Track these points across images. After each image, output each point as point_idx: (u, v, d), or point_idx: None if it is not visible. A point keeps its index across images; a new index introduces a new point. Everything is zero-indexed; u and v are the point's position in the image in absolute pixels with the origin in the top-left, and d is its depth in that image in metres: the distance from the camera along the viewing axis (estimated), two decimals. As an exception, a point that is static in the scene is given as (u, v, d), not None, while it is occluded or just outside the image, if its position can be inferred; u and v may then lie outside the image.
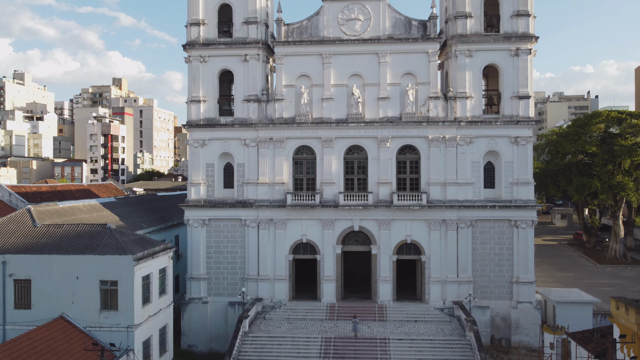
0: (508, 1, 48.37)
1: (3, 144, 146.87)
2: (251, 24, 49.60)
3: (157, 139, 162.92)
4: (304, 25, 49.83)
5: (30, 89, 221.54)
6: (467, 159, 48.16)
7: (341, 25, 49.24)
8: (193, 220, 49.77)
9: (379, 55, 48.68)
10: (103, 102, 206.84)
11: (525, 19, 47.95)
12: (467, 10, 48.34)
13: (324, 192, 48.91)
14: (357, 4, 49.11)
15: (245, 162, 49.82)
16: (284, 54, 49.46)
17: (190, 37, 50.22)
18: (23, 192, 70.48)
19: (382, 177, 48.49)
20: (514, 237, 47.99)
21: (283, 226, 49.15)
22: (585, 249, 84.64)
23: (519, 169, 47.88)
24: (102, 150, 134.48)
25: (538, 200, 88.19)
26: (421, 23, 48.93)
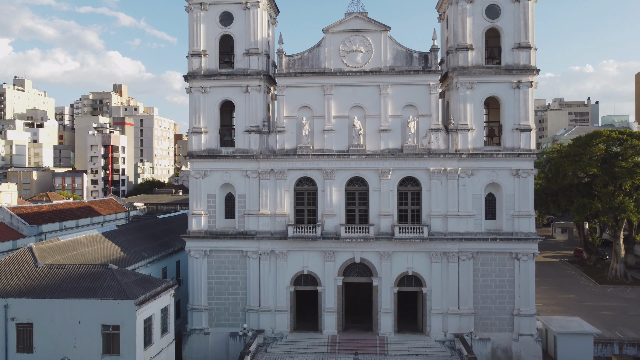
0: (509, 34, 48.37)
1: (3, 154, 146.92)
2: (252, 55, 49.61)
3: (158, 148, 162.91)
4: (305, 57, 49.84)
5: (31, 95, 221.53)
6: (468, 191, 48.19)
7: (342, 57, 49.24)
8: (194, 251, 49.82)
9: (380, 87, 48.70)
10: (103, 108, 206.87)
11: (526, 51, 47.95)
12: (469, 43, 48.35)
13: (325, 224, 48.95)
14: (359, 35, 49.12)
15: (246, 193, 49.85)
16: (285, 86, 49.48)
17: (192, 68, 50.23)
18: (24, 213, 70.59)
19: (383, 209, 48.52)
20: (515, 269, 48.05)
21: (284, 258, 49.19)
22: (585, 267, 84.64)
23: (520, 202, 47.91)
24: (102, 161, 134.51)
25: (538, 218, 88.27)
26: (422, 55, 48.93)
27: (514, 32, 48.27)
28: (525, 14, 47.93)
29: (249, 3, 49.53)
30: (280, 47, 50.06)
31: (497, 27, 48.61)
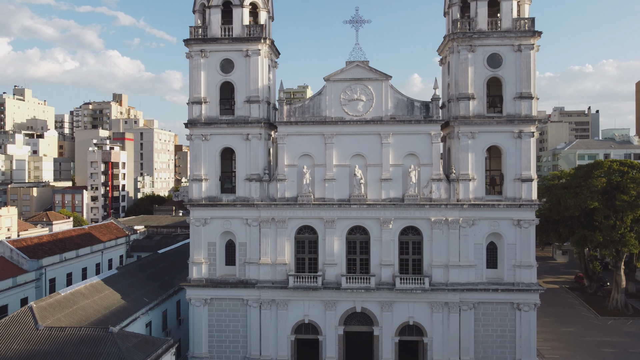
0: (511, 83, 48.21)
1: (3, 169, 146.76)
2: (253, 103, 49.46)
3: (158, 161, 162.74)
4: (306, 105, 49.71)
5: (31, 104, 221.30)
6: (469, 240, 48.08)
7: (343, 105, 49.10)
8: (195, 299, 49.72)
9: (382, 136, 48.56)
10: (103, 118, 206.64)
11: (528, 101, 47.80)
12: (470, 92, 48.19)
13: (326, 273, 48.85)
14: (360, 84, 48.97)
15: (247, 241, 49.74)
16: (286, 134, 49.35)
17: (192, 116, 50.09)
18: (24, 246, 70.50)
19: (384, 259, 48.41)
20: (517, 319, 47.97)
21: (285, 307, 49.09)
22: (586, 295, 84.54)
23: (521, 252, 47.80)
24: (102, 177, 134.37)
25: (539, 244, 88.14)
26: (424, 104, 48.79)
27: (515, 81, 48.11)
28: (527, 63, 47.76)
29: (250, 51, 49.36)
30: (281, 95, 49.92)
31: (498, 76, 48.46)
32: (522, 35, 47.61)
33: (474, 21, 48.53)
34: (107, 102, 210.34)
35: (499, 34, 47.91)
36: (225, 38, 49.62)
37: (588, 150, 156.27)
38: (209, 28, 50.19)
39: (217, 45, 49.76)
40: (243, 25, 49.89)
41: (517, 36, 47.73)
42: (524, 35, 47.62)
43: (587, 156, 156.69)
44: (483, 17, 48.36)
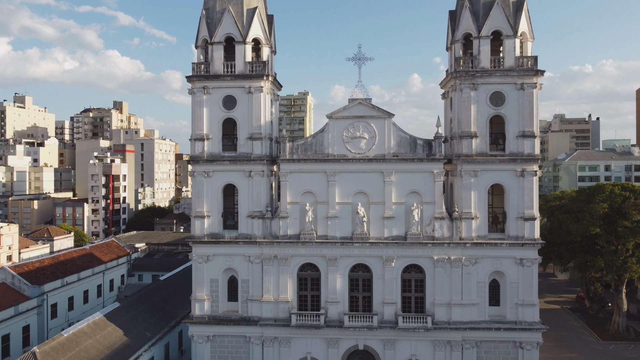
0: (514, 121, 48.17)
1: (4, 180, 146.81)
2: (255, 140, 49.43)
3: (158, 172, 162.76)
4: (308, 142, 49.69)
5: (31, 112, 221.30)
6: (472, 279, 48.08)
7: (346, 143, 49.08)
8: (197, 336, 49.72)
9: (384, 174, 48.54)
10: (104, 126, 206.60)
11: (530, 140, 47.78)
12: (473, 130, 48.16)
13: (328, 311, 48.84)
14: (362, 122, 48.94)
15: (249, 278, 49.73)
16: (289, 171, 49.32)
17: (195, 152, 50.07)
18: (26, 271, 70.50)
19: (387, 297, 48.41)
20: (519, 357, 47.95)
21: (287, 344, 49.09)
22: (588, 317, 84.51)
23: (524, 290, 47.80)
24: (103, 190, 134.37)
25: (540, 266, 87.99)
26: (426, 142, 48.76)
27: (518, 119, 48.07)
28: (530, 102, 47.73)
29: (253, 88, 49.34)
30: (284, 132, 49.89)
31: (501, 114, 48.42)
32: (525, 74, 47.58)
33: (476, 59, 48.48)
34: (108, 109, 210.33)
35: (502, 72, 47.87)
36: (227, 75, 49.58)
37: (589, 161, 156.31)
38: (211, 64, 50.13)
39: (220, 82, 49.72)
40: (246, 61, 49.84)
41: (519, 75, 47.69)
42: (527, 74, 47.59)
43: (588, 167, 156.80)
44: (486, 55, 48.31)
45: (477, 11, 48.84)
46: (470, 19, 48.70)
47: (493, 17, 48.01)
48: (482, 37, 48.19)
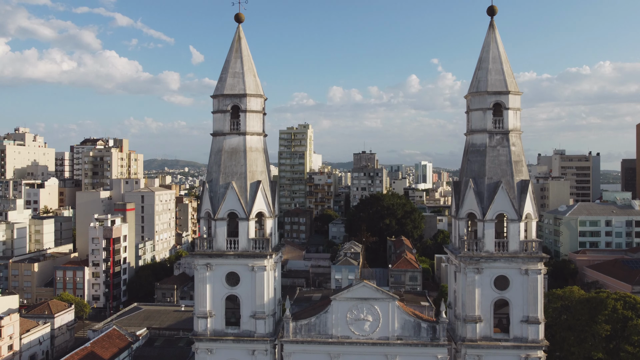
0: (518, 306, 48.05)
1: (4, 238, 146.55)
2: (259, 319, 49.27)
3: (159, 223, 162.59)
4: (312, 323, 49.54)
5: (31, 148, 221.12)
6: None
7: (350, 325, 48.94)
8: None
9: (388, 356, 48.42)
10: (104, 166, 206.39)
11: (534, 326, 47.67)
12: (477, 314, 48.06)
13: None
14: (366, 304, 48.80)
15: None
16: (292, 351, 49.20)
17: (198, 329, 49.99)
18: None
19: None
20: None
21: None
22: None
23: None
24: (104, 253, 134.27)
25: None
26: (430, 326, 48.67)
27: (522, 304, 47.95)
28: (534, 287, 47.60)
29: (256, 267, 49.15)
30: (287, 312, 49.73)
31: (505, 298, 48.30)
32: (530, 261, 47.43)
33: (480, 241, 48.33)
34: (108, 148, 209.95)
35: (507, 258, 47.76)
36: (230, 253, 49.40)
37: (590, 217, 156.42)
38: (214, 240, 49.96)
39: (223, 259, 49.57)
40: (249, 238, 49.65)
41: (524, 261, 47.54)
42: (532, 261, 47.44)
43: (589, 222, 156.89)
44: (490, 239, 48.17)
45: (482, 192, 48.65)
46: (474, 201, 48.51)
47: (497, 201, 47.85)
48: (486, 220, 48.03)
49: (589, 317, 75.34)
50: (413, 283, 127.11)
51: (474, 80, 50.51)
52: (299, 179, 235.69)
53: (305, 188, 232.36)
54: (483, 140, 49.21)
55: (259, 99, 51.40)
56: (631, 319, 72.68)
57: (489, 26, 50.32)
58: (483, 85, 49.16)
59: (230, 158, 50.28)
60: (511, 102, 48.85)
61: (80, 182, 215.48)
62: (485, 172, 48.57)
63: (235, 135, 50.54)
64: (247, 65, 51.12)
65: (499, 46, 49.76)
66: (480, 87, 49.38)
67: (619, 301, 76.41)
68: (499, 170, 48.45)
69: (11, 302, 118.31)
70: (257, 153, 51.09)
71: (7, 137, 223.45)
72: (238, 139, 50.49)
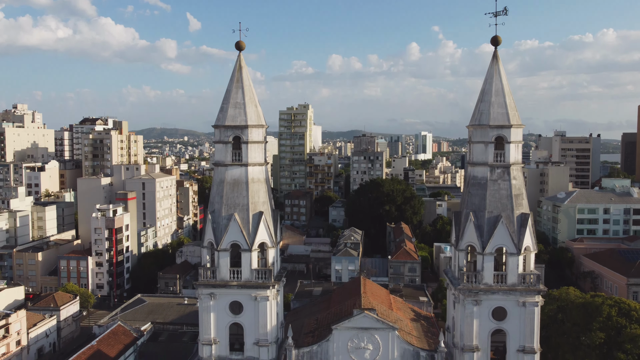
0: (514, 336, 49.33)
1: (8, 227, 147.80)
2: (262, 346, 50.60)
3: (160, 210, 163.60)
4: (314, 351, 50.87)
5: (30, 130, 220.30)
6: None
7: (350, 353, 50.29)
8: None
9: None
10: (104, 148, 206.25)
11: (530, 356, 49.06)
12: (474, 344, 49.36)
13: None
14: (367, 333, 50.03)
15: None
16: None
17: (203, 356, 51.33)
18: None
19: None
20: None
21: None
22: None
23: None
24: (106, 243, 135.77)
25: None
26: (429, 355, 50.05)
27: (519, 335, 49.20)
28: (531, 319, 48.75)
29: (259, 297, 50.16)
30: (290, 340, 50.98)
31: (503, 328, 49.51)
32: (528, 294, 48.41)
33: (479, 274, 49.20)
34: (107, 130, 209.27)
35: (505, 291, 48.73)
36: (234, 284, 50.33)
37: (588, 204, 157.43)
38: (217, 271, 50.81)
39: (226, 289, 50.54)
40: (252, 269, 50.49)
41: (522, 294, 48.53)
42: (529, 294, 48.42)
43: (587, 210, 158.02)
44: (489, 272, 49.03)
45: (482, 226, 49.22)
46: (474, 234, 49.14)
47: (497, 235, 48.47)
48: (485, 254, 48.76)
49: (584, 324, 77.01)
50: (412, 274, 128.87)
51: (476, 112, 50.40)
52: (299, 159, 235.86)
53: (306, 169, 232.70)
54: (484, 173, 49.46)
55: (261, 129, 51.38)
56: (625, 327, 74.33)
57: (493, 57, 49.88)
58: (485, 119, 49.08)
59: (233, 190, 50.62)
60: (513, 136, 48.89)
61: (80, 163, 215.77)
62: (485, 206, 49.02)
63: (237, 166, 50.74)
64: (248, 96, 50.88)
65: (502, 78, 49.44)
66: (482, 120, 49.31)
67: (614, 307, 77.91)
68: (499, 204, 48.89)
69: (17, 294, 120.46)
70: (259, 184, 51.38)
71: (5, 118, 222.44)
72: (240, 171, 50.72)
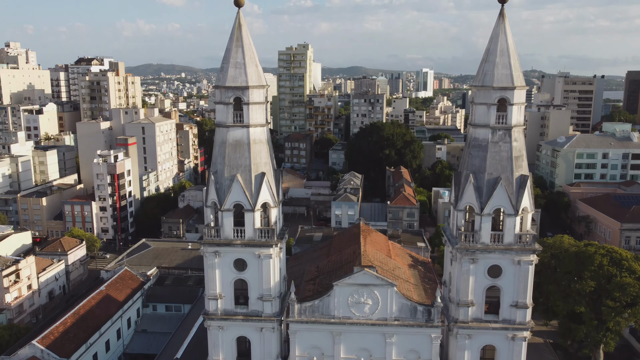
0: (508, 292, 51.34)
1: (10, 172, 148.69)
2: (266, 301, 52.80)
3: (161, 154, 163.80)
4: (316, 305, 53.09)
5: (25, 72, 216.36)
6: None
7: (351, 307, 52.55)
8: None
9: (386, 335, 52.63)
10: (101, 90, 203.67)
11: (522, 310, 51.35)
12: (470, 299, 51.51)
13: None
14: (367, 289, 52.04)
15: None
16: (297, 330, 53.30)
17: (209, 309, 53.66)
18: (52, 340, 76.16)
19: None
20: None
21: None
22: (567, 356, 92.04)
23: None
24: (109, 188, 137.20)
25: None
26: (426, 309, 52.26)
27: (513, 291, 51.22)
28: (525, 277, 50.60)
29: (262, 255, 51.76)
30: (292, 295, 53.05)
31: (497, 285, 51.46)
32: (523, 253, 49.96)
33: (477, 234, 50.51)
34: (104, 72, 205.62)
35: (501, 250, 50.23)
36: (237, 242, 51.75)
37: (587, 149, 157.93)
38: (221, 230, 52.06)
39: (230, 248, 52.03)
40: (255, 228, 51.74)
41: (518, 253, 50.08)
42: (525, 253, 49.98)
43: (586, 155, 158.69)
44: (487, 232, 50.30)
45: (481, 187, 49.95)
46: (473, 196, 49.98)
47: (496, 197, 49.31)
48: (483, 215, 49.84)
49: (576, 272, 79.62)
50: (410, 219, 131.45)
51: (480, 72, 49.78)
52: (298, 101, 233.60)
53: (305, 111, 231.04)
54: (485, 135, 49.59)
55: (262, 89, 50.91)
56: (615, 276, 76.92)
57: (499, 15, 48.58)
58: (489, 80, 48.56)
59: (235, 151, 50.91)
60: (516, 98, 48.58)
61: (78, 105, 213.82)
62: (485, 168, 49.54)
63: (238, 127, 50.75)
64: (248, 55, 50.02)
65: (507, 38, 48.42)
66: (486, 81, 48.81)
67: (606, 257, 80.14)
68: (499, 166, 49.37)
69: (24, 239, 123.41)
70: (261, 145, 51.59)
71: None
72: (241, 132, 50.78)
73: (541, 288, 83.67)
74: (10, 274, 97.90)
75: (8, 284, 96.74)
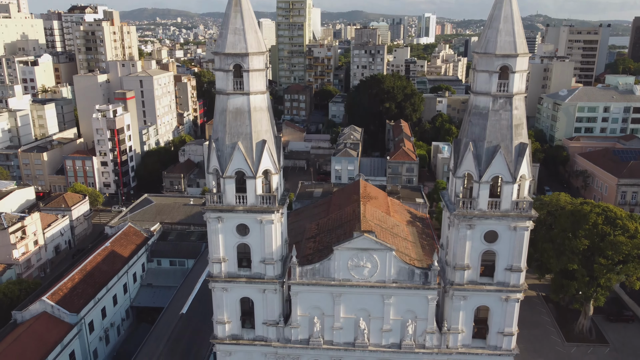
0: (504, 256, 52.91)
1: (9, 126, 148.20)
2: (268, 264, 54.48)
3: (160, 107, 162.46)
4: (316, 268, 54.77)
5: (18, 21, 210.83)
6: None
7: (350, 270, 54.27)
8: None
9: (384, 296, 54.65)
10: (97, 41, 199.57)
11: (517, 273, 53.07)
12: (466, 263, 53.14)
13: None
14: (366, 253, 53.57)
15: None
16: (299, 291, 55.28)
17: (214, 272, 55.43)
18: (61, 296, 78.95)
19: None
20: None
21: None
22: (559, 309, 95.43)
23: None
24: (109, 143, 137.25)
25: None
26: (423, 272, 53.99)
27: (508, 255, 52.77)
28: (520, 242, 51.97)
29: (264, 221, 52.94)
30: (294, 259, 54.63)
31: (493, 250, 52.92)
32: (519, 219, 51.09)
33: (475, 200, 51.46)
34: (99, 22, 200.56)
35: (498, 217, 51.33)
36: (240, 209, 52.77)
37: (589, 102, 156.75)
38: (224, 196, 52.95)
39: (233, 213, 53.11)
40: (257, 195, 52.62)
41: (514, 219, 51.22)
42: (521, 219, 51.11)
43: (587, 108, 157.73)
44: (484, 199, 51.21)
45: (480, 155, 50.40)
46: (472, 164, 50.53)
47: (494, 165, 49.86)
48: (482, 182, 50.60)
49: (571, 230, 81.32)
50: (409, 174, 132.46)
51: (482, 38, 49.12)
52: (298, 51, 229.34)
53: (305, 61, 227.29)
54: (486, 103, 49.54)
55: (261, 56, 50.36)
56: (609, 235, 78.67)
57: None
58: (492, 47, 48.00)
59: (235, 118, 51.00)
60: (518, 65, 48.17)
61: (74, 55, 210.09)
62: (485, 136, 49.81)
63: (238, 95, 50.59)
64: (247, 21, 49.14)
65: (512, 3, 47.47)
66: (488, 48, 48.25)
67: (601, 216, 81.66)
68: (499, 134, 49.63)
69: (28, 194, 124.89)
70: (262, 112, 51.60)
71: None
72: (242, 99, 50.67)
73: (536, 246, 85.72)
74: (17, 230, 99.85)
75: (15, 240, 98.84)
